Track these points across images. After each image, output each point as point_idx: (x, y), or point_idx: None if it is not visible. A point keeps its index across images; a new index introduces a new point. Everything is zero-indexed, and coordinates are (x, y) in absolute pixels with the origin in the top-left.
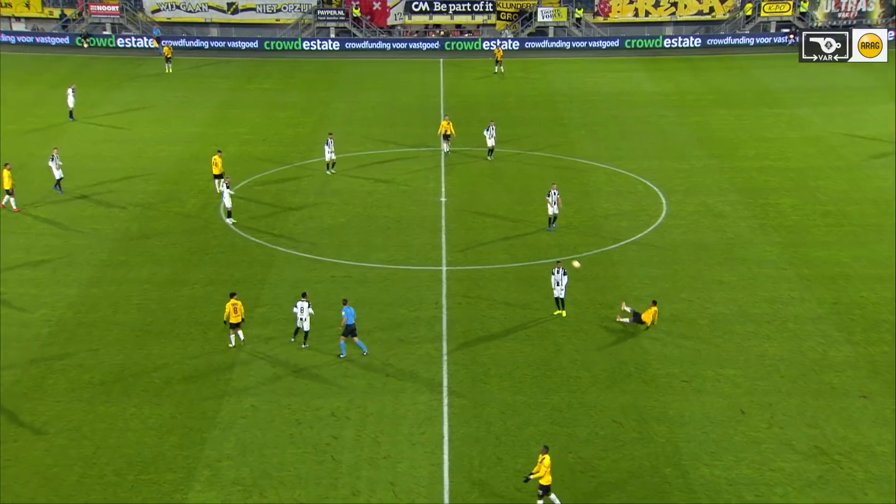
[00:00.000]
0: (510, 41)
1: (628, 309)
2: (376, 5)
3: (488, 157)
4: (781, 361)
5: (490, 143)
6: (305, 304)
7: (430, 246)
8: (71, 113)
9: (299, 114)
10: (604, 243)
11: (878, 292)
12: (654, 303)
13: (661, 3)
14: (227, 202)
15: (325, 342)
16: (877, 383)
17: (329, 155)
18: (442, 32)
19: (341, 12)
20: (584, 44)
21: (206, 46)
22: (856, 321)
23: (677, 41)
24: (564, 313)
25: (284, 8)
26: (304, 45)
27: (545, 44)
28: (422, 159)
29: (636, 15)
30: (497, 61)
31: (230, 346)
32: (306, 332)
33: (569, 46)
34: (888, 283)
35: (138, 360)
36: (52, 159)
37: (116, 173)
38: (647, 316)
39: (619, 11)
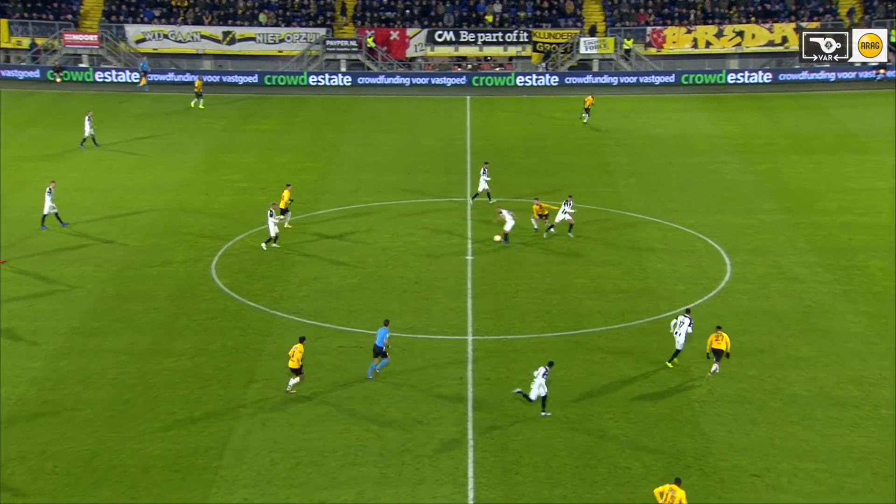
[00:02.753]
0: (547, 76)
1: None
2: (394, 35)
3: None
4: (873, 455)
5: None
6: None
7: (455, 312)
8: (94, 139)
9: (304, 158)
10: (657, 310)
11: None
12: (718, 328)
13: (725, 33)
14: (273, 229)
15: (331, 423)
16: None
17: (483, 184)
18: (469, 66)
19: (353, 43)
20: (633, 79)
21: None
22: None
23: (744, 76)
24: (671, 365)
25: (288, 38)
26: (311, 79)
27: (589, 79)
28: (445, 212)
29: (695, 46)
30: (586, 109)
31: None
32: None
33: (616, 82)
34: None
35: (112, 446)
36: (49, 192)
37: (91, 226)
38: (722, 343)
39: (674, 42)
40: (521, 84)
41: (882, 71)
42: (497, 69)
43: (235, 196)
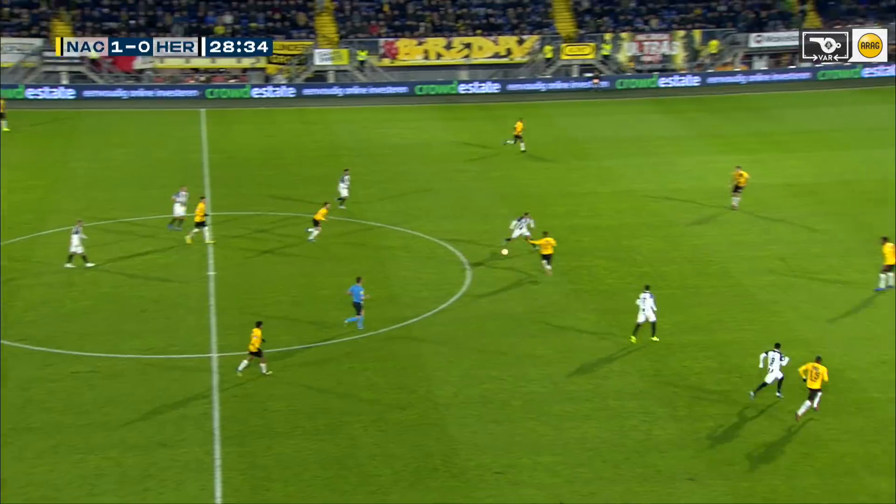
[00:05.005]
0: (284, 88)
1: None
2: None
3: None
4: (603, 444)
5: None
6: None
7: (197, 329)
8: None
9: (26, 176)
10: (402, 317)
11: (700, 361)
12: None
13: (454, 45)
14: (79, 249)
15: (64, 453)
16: (703, 463)
17: (344, 191)
18: (202, 78)
19: (75, 54)
20: (369, 90)
21: None
22: (679, 394)
23: (474, 87)
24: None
25: None
26: (28, 93)
27: (325, 90)
28: (183, 227)
29: (426, 57)
30: (517, 136)
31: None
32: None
33: (352, 93)
34: (710, 350)
35: None
36: None
37: None
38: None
39: (407, 54)
40: (257, 96)
41: (596, 81)
42: (231, 81)
43: None
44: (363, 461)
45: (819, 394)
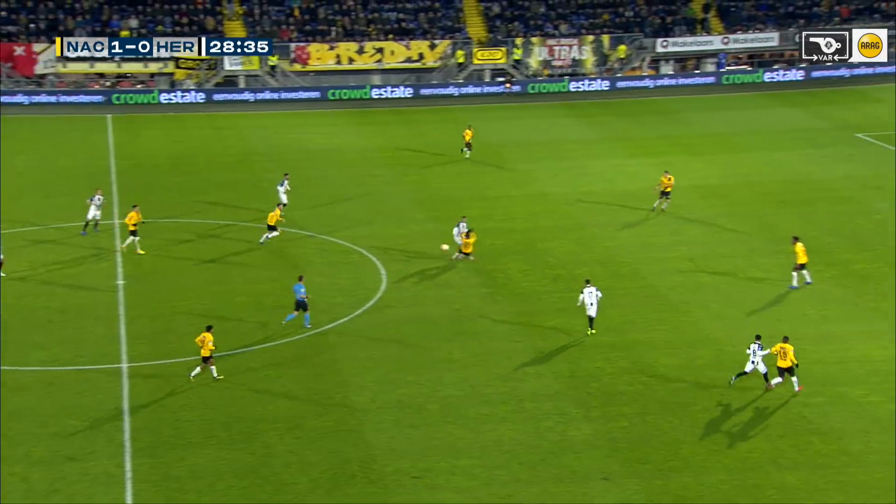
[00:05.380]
0: (194, 93)
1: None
2: (19, 50)
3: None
4: (519, 446)
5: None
6: None
7: (106, 339)
8: None
9: None
10: (318, 323)
11: (613, 362)
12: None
13: (366, 50)
14: None
15: None
16: (617, 462)
17: (284, 196)
18: (108, 83)
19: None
20: (281, 95)
21: None
22: (593, 395)
23: (386, 91)
24: (593, 332)
25: None
26: None
27: (235, 95)
28: (90, 236)
29: (338, 62)
30: (467, 143)
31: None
32: None
33: (263, 98)
34: (622, 351)
35: None
36: None
37: None
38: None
39: (319, 58)
40: (166, 101)
41: (508, 85)
42: (139, 86)
43: None
44: (279, 469)
45: (792, 375)
